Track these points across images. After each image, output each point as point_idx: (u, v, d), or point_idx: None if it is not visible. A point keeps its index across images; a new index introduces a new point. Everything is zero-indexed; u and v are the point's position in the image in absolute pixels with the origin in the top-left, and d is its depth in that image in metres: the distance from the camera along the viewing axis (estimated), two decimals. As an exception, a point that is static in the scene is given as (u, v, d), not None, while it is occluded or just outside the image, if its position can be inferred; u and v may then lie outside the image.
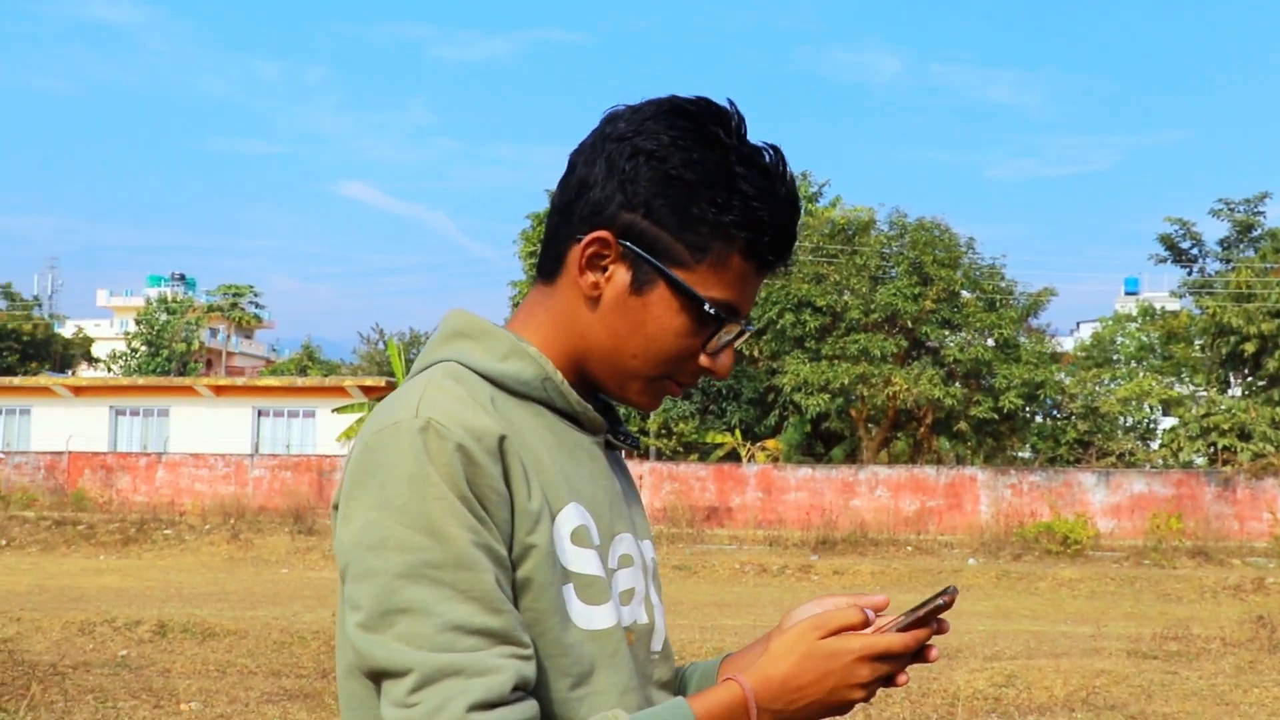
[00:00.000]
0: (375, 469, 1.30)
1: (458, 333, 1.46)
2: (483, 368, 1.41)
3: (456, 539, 1.27)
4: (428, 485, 1.27)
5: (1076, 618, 16.61)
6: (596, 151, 1.43)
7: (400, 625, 1.25)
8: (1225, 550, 25.63)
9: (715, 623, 14.34)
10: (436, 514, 1.27)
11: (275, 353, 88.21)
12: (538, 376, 1.43)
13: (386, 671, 1.26)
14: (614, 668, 1.39)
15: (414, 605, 1.25)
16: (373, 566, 1.27)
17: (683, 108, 1.42)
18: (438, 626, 1.25)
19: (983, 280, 36.15)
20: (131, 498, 33.08)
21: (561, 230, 1.45)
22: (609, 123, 1.44)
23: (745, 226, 1.40)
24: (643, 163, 1.39)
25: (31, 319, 64.26)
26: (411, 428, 1.30)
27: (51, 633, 12.08)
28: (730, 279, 1.42)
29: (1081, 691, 9.83)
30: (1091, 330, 55.37)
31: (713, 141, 1.40)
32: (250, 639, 11.96)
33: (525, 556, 1.33)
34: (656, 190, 1.39)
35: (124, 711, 8.45)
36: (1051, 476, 31.30)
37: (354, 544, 1.29)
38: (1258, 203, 38.18)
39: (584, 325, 1.44)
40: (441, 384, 1.36)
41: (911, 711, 9.16)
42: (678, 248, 1.40)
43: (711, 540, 27.17)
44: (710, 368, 1.46)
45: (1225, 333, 35.56)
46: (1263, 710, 9.17)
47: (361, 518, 1.29)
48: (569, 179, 1.45)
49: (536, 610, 1.33)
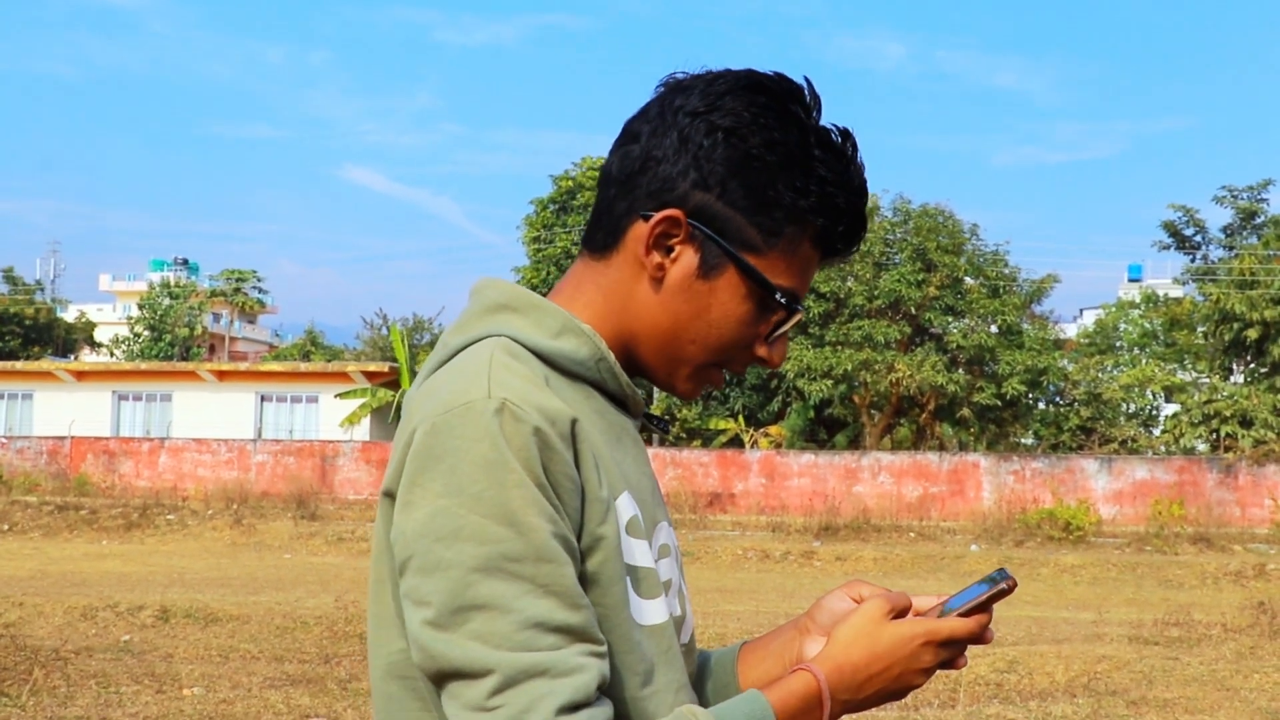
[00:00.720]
0: (444, 453, 1.20)
1: (501, 305, 1.35)
2: (534, 344, 1.31)
3: (537, 530, 1.18)
4: (506, 471, 1.18)
5: (1078, 604, 16.63)
6: (666, 123, 1.33)
7: (476, 622, 1.17)
8: (1227, 536, 25.64)
9: (718, 609, 14.35)
10: (516, 502, 1.18)
11: (278, 338, 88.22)
12: (592, 356, 1.34)
13: (461, 672, 1.17)
14: (669, 664, 1.34)
15: (491, 601, 1.17)
16: (444, 559, 1.18)
17: (762, 83, 1.34)
18: (518, 624, 1.17)
19: (986, 267, 36.12)
20: (134, 483, 33.12)
21: (620, 203, 1.35)
22: (678, 93, 1.35)
23: (821, 212, 1.34)
24: (721, 140, 1.31)
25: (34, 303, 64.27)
26: (486, 409, 1.20)
27: (54, 618, 12.09)
28: (798, 266, 1.36)
29: (1083, 677, 9.84)
30: (1095, 317, 55.40)
31: (792, 121, 1.33)
32: (253, 624, 11.97)
33: (595, 548, 1.25)
34: (733, 170, 1.31)
35: (126, 696, 8.46)
36: (1054, 463, 31.31)
37: (420, 534, 1.19)
38: (1261, 190, 38.11)
39: (641, 306, 1.36)
40: (507, 362, 1.26)
41: (912, 697, 9.17)
42: (750, 231, 1.33)
43: (714, 526, 27.19)
44: (766, 357, 1.40)
45: (1228, 319, 35.52)
46: (1263, 695, 9.17)
47: (430, 505, 1.19)
48: (630, 149, 1.36)
49: (605, 605, 1.26)
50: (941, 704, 8.97)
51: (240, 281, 78.37)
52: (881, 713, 8.51)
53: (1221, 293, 35.69)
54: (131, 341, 62.53)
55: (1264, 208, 38.39)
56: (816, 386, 33.88)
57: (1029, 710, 8.60)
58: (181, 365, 41.60)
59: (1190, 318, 39.20)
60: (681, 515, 27.92)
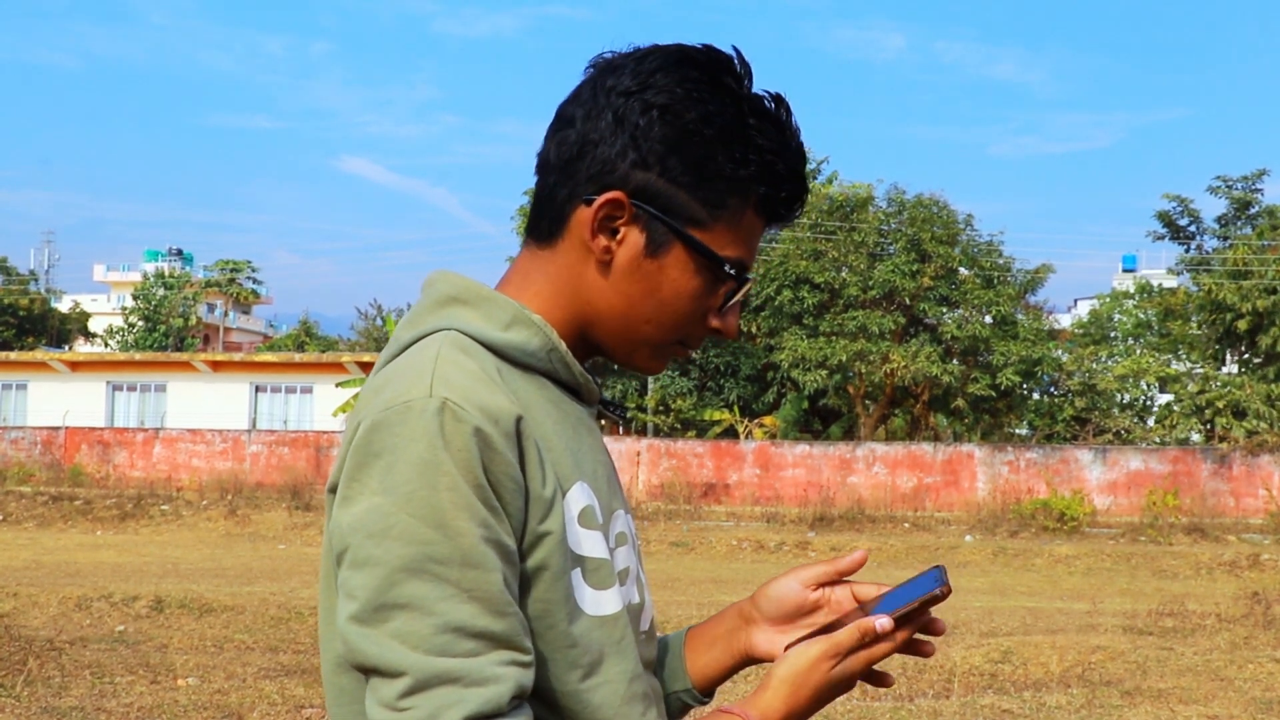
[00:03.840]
0: (382, 450, 1.20)
1: (451, 298, 1.35)
2: (485, 337, 1.31)
3: (466, 534, 1.17)
4: (439, 474, 1.18)
5: (1072, 594, 16.65)
6: (600, 105, 1.33)
7: (396, 621, 1.16)
8: (1221, 527, 25.70)
9: (712, 599, 14.36)
10: (446, 505, 1.17)
11: (273, 328, 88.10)
12: (543, 347, 1.34)
13: (378, 669, 1.17)
14: (622, 654, 1.33)
15: (413, 601, 1.16)
16: (372, 555, 1.18)
17: (691, 57, 1.33)
18: (436, 627, 1.16)
19: (981, 257, 36.11)
20: (129, 473, 33.11)
21: (561, 190, 1.35)
22: (609, 73, 1.34)
23: (763, 180, 1.34)
24: (656, 117, 1.30)
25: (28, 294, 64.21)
26: (427, 408, 1.19)
27: (48, 608, 12.08)
28: (743, 235, 1.36)
29: (1077, 667, 9.85)
30: (1089, 307, 55.40)
31: (726, 93, 1.32)
32: (247, 614, 11.96)
33: (537, 545, 1.25)
34: (672, 147, 1.31)
35: (121, 686, 8.45)
36: (1048, 453, 31.34)
37: (353, 529, 1.19)
38: (1256, 180, 38.09)
39: (592, 291, 1.36)
40: (453, 357, 1.25)
41: (907, 688, 9.18)
42: (694, 206, 1.32)
43: (709, 517, 27.21)
44: (720, 328, 1.40)
45: (1221, 310, 35.54)
46: (1257, 685, 9.19)
47: (365, 502, 1.19)
48: (566, 134, 1.35)
49: (547, 601, 1.26)
50: (936, 694, 8.98)
51: (235, 272, 78.29)
52: (876, 703, 8.53)
53: (1215, 283, 35.71)
54: (126, 332, 62.49)
55: (1258, 198, 38.38)
56: (811, 377, 33.88)
57: (1023, 700, 8.61)
58: (176, 356, 41.54)
59: (1184, 308, 39.20)
60: (676, 506, 27.94)
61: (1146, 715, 8.27)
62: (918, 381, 34.62)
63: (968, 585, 17.02)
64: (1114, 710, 8.38)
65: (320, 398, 38.08)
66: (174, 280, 65.59)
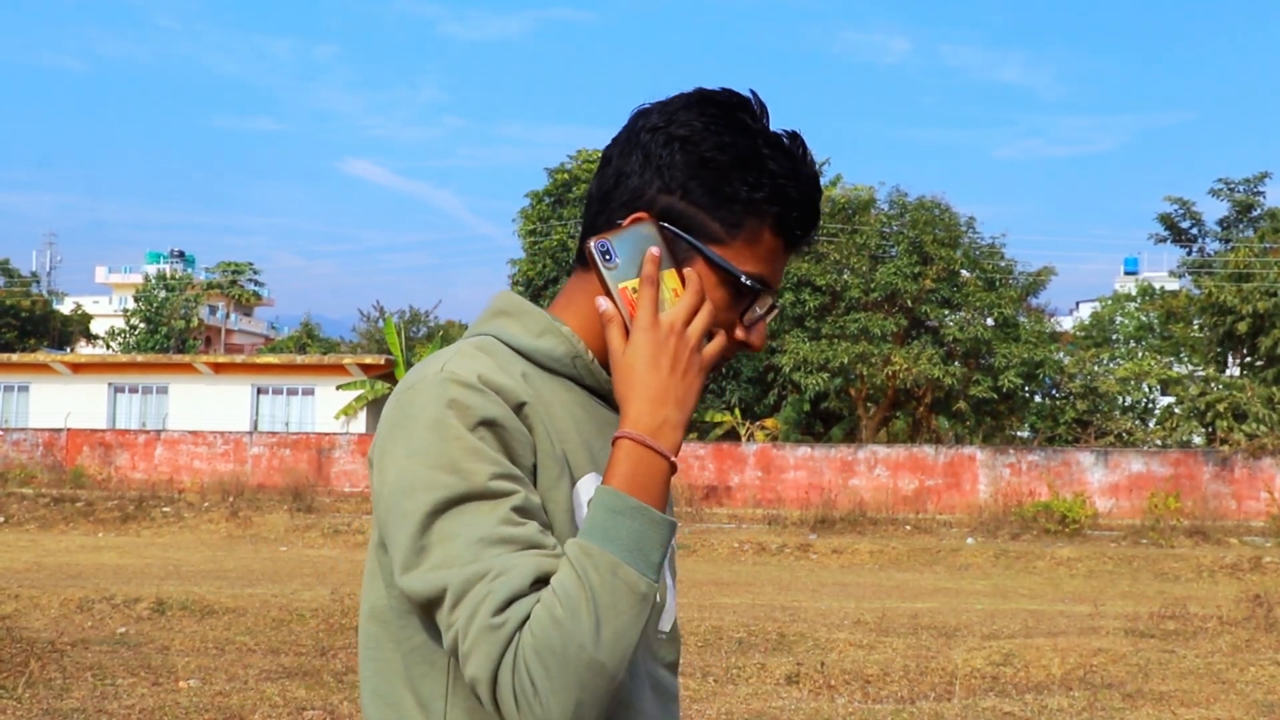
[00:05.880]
0: (401, 419, 1.39)
1: (499, 311, 1.55)
2: (518, 343, 1.50)
3: (478, 473, 1.33)
4: (446, 428, 1.35)
5: (1074, 597, 16.64)
6: (632, 144, 1.50)
7: (434, 555, 1.32)
8: (1223, 529, 25.67)
9: (714, 601, 14.36)
10: (457, 452, 1.34)
11: (274, 330, 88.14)
12: (568, 354, 1.50)
13: (430, 600, 1.32)
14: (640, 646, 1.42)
15: (443, 534, 1.32)
16: (405, 509, 1.34)
17: (711, 97, 1.50)
18: (464, 544, 1.31)
19: (983, 260, 36.09)
20: (130, 475, 33.10)
21: (600, 219, 1.51)
22: (640, 117, 1.51)
23: (775, 202, 1.47)
24: (678, 148, 1.46)
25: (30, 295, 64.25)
26: (436, 378, 1.39)
27: (50, 610, 12.09)
28: (762, 254, 1.49)
29: (1079, 670, 9.85)
30: (1091, 310, 55.35)
31: (741, 127, 1.47)
32: (249, 616, 11.96)
33: (547, 500, 1.40)
34: (691, 173, 1.46)
35: (122, 688, 8.45)
36: (1050, 456, 31.32)
37: (388, 492, 1.37)
38: (1257, 183, 38.08)
39: None
40: (467, 351, 1.44)
41: (909, 690, 9.18)
42: (713, 225, 1.47)
43: (710, 519, 27.21)
44: (746, 340, 1.53)
45: (1222, 312, 35.52)
46: (1259, 688, 9.19)
47: (394, 467, 1.37)
48: (605, 171, 1.52)
49: None
50: (938, 697, 8.98)
51: (236, 274, 78.29)
52: (878, 705, 8.52)
53: (1216, 286, 35.68)
54: (127, 334, 62.47)
55: (1260, 201, 38.37)
56: (812, 379, 33.86)
57: (1025, 703, 8.61)
58: (177, 358, 41.52)
59: (1186, 311, 39.15)
60: (677, 508, 27.93)
61: (1148, 718, 8.26)
62: (919, 384, 34.59)
63: (969, 588, 17.02)
64: (1115, 713, 8.38)
65: (322, 400, 38.08)
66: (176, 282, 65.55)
